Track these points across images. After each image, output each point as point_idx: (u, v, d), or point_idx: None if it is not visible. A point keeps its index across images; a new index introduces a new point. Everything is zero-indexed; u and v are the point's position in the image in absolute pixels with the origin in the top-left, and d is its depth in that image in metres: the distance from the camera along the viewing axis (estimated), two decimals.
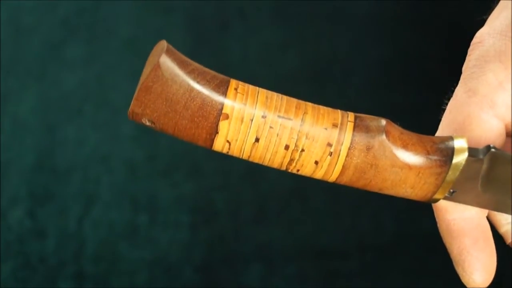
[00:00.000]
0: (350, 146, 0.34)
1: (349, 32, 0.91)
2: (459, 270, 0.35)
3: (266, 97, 0.35)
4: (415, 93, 0.85)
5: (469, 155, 0.33)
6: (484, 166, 0.32)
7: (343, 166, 0.34)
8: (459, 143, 0.33)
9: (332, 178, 0.35)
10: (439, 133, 0.35)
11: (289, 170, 0.35)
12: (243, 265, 0.80)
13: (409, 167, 0.34)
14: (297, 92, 0.92)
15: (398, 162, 0.34)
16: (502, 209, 0.34)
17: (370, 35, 0.91)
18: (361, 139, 0.34)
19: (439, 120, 0.37)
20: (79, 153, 0.86)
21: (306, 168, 0.35)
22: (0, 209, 0.83)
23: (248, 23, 0.93)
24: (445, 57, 0.87)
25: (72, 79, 0.91)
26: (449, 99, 0.35)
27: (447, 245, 0.35)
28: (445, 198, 0.34)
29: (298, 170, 0.35)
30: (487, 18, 0.34)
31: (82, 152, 0.86)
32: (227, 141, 0.34)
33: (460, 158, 0.33)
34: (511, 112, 0.32)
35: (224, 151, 0.35)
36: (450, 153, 0.33)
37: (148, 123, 0.34)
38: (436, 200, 0.34)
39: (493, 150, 0.32)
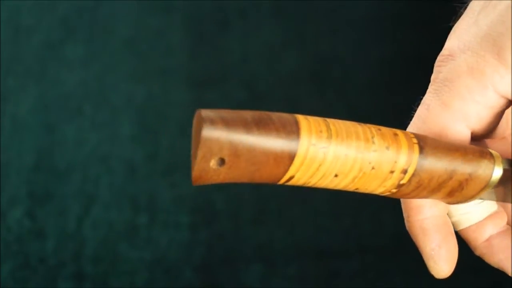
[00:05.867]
0: None
1: (349, 32, 0.91)
2: (430, 264, 0.38)
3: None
4: (416, 93, 0.85)
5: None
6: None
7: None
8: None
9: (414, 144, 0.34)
10: None
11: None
12: (243, 265, 0.80)
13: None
14: (297, 92, 0.93)
15: None
16: None
17: (370, 35, 0.91)
18: None
19: None
20: (79, 153, 0.86)
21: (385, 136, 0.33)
22: (0, 209, 0.83)
23: (248, 23, 0.93)
24: None
25: (72, 79, 0.91)
26: (417, 106, 0.38)
27: (419, 243, 0.38)
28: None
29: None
30: (453, 25, 0.37)
31: (82, 152, 0.86)
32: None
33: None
34: (479, 122, 0.35)
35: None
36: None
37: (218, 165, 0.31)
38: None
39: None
